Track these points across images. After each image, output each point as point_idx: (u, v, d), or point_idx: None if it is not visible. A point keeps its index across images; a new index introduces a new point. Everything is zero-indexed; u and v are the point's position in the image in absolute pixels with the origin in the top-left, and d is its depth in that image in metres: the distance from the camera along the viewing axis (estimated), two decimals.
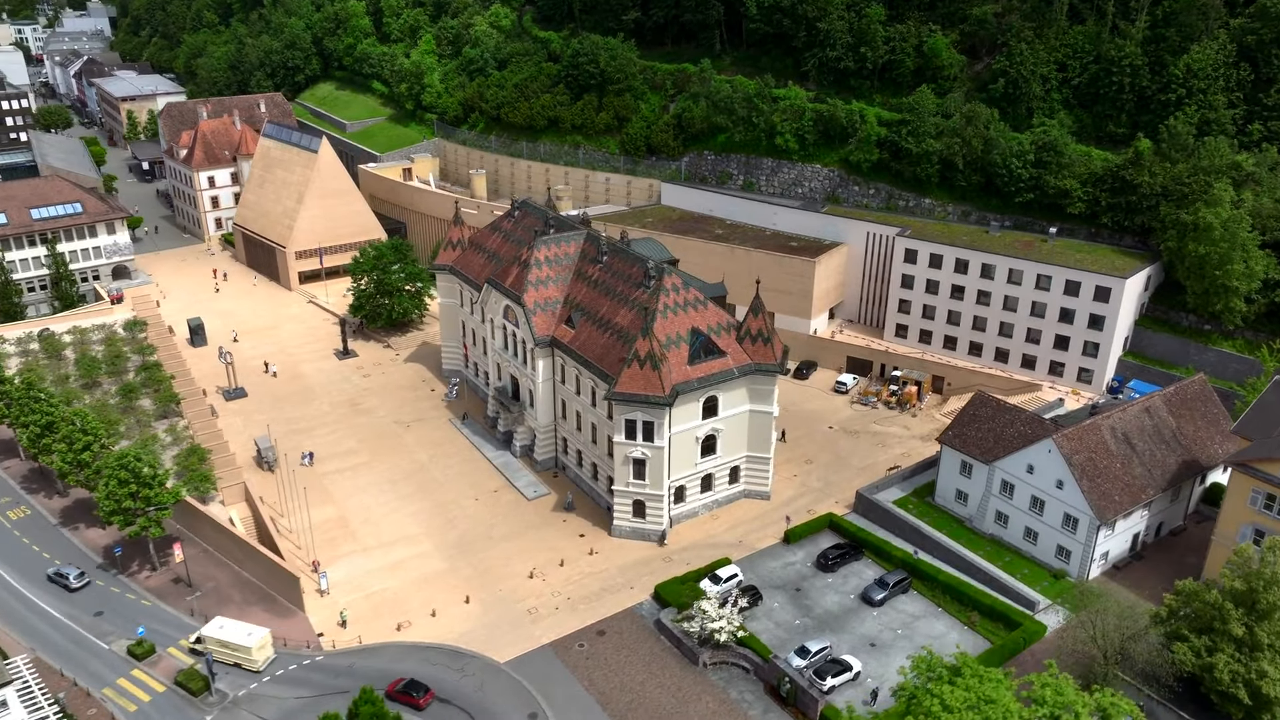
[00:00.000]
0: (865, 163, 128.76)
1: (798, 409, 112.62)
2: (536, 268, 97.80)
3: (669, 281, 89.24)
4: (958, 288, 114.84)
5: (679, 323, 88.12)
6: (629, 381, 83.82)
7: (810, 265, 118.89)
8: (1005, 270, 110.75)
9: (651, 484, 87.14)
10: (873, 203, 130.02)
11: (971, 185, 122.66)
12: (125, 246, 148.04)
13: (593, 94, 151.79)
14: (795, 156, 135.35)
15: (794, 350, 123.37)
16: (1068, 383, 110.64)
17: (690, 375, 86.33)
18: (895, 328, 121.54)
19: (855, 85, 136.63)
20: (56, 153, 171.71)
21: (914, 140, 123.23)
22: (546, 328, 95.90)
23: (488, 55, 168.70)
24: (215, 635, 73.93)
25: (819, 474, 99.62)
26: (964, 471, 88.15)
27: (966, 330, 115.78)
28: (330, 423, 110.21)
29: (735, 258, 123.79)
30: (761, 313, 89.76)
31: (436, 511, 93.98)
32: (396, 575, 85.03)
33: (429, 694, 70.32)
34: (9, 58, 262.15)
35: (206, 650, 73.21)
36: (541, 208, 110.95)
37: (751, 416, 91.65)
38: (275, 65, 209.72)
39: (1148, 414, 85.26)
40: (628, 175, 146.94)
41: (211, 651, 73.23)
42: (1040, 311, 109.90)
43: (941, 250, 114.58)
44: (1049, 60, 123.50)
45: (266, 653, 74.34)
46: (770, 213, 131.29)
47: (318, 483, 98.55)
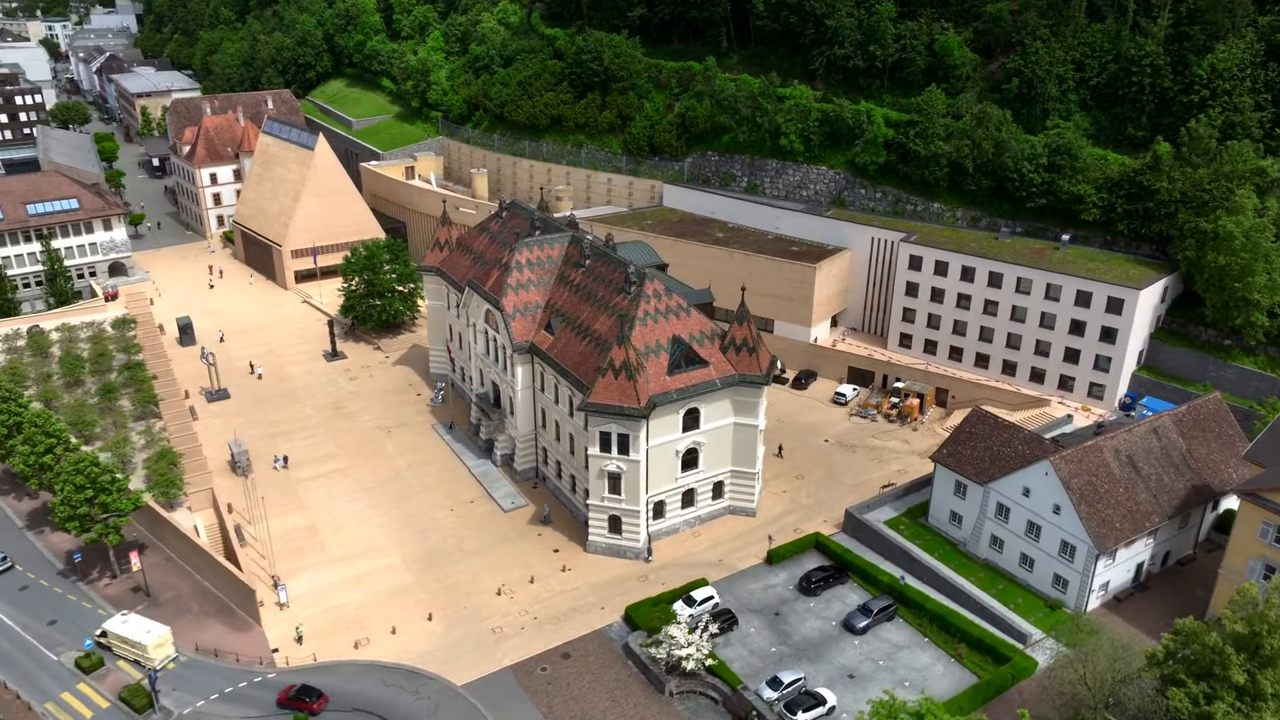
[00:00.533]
0: (872, 165, 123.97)
1: (794, 420, 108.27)
2: (517, 271, 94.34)
3: (650, 287, 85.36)
4: (964, 296, 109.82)
5: (659, 331, 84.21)
6: (603, 392, 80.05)
7: (810, 271, 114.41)
8: (1013, 279, 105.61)
9: (627, 499, 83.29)
10: (880, 206, 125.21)
11: (982, 189, 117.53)
12: (122, 243, 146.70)
13: (596, 92, 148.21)
14: (800, 158, 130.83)
15: (793, 359, 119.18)
16: (1078, 398, 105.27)
17: (669, 386, 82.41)
18: (899, 337, 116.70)
19: (864, 85, 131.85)
20: (62, 148, 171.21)
21: (922, 142, 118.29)
22: (526, 333, 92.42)
23: (493, 52, 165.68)
24: (117, 630, 72.96)
25: (809, 490, 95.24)
26: (958, 492, 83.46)
27: (973, 341, 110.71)
28: (311, 426, 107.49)
29: (734, 262, 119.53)
30: (747, 321, 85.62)
31: (408, 522, 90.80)
32: (360, 589, 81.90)
33: (322, 699, 68.39)
34: (30, 54, 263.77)
35: (109, 644, 72.95)
36: (529, 209, 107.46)
37: (736, 430, 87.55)
38: (286, 62, 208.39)
39: (1155, 435, 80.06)
40: (630, 176, 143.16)
41: (113, 645, 72.65)
42: (1050, 323, 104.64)
43: (947, 257, 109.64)
44: (1066, 59, 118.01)
45: (165, 651, 72.68)
46: (773, 216, 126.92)
47: (291, 489, 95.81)
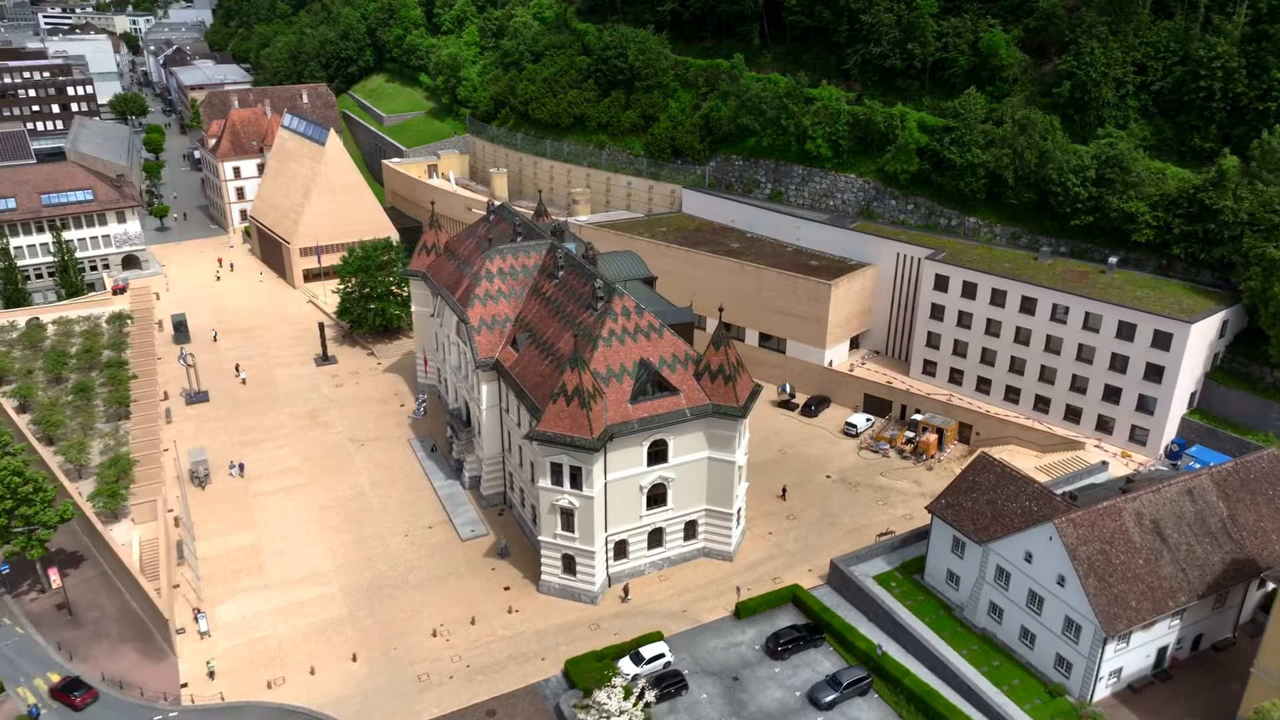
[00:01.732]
0: (903, 174, 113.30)
1: (796, 452, 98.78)
2: (487, 280, 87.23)
3: (619, 304, 77.18)
4: (993, 322, 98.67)
5: (625, 353, 75.99)
6: (553, 419, 72.22)
7: (825, 289, 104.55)
8: (1048, 305, 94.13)
9: (581, 538, 75.31)
10: (911, 219, 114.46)
11: (1023, 204, 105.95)
12: (135, 236, 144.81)
13: (620, 90, 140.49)
14: (828, 165, 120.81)
15: (806, 383, 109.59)
16: (1117, 442, 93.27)
17: (631, 415, 74.12)
18: (922, 364, 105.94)
19: (902, 86, 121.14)
20: (94, 138, 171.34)
21: (957, 150, 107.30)
22: (491, 348, 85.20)
23: (523, 48, 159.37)
24: None
25: (799, 533, 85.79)
26: (956, 549, 73.22)
27: (1002, 372, 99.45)
28: (282, 436, 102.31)
29: (744, 276, 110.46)
30: (725, 346, 76.72)
31: (358, 547, 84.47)
32: (290, 620, 75.74)
33: (90, 693, 68.34)
34: (97, 46, 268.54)
35: None
36: (516, 213, 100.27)
37: (711, 465, 78.78)
38: (329, 56, 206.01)
39: (1190, 497, 68.52)
40: (650, 180, 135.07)
41: None
42: (1088, 356, 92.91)
43: (975, 278, 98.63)
44: (1125, 61, 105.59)
45: None
46: (793, 226, 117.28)
47: (245, 503, 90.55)
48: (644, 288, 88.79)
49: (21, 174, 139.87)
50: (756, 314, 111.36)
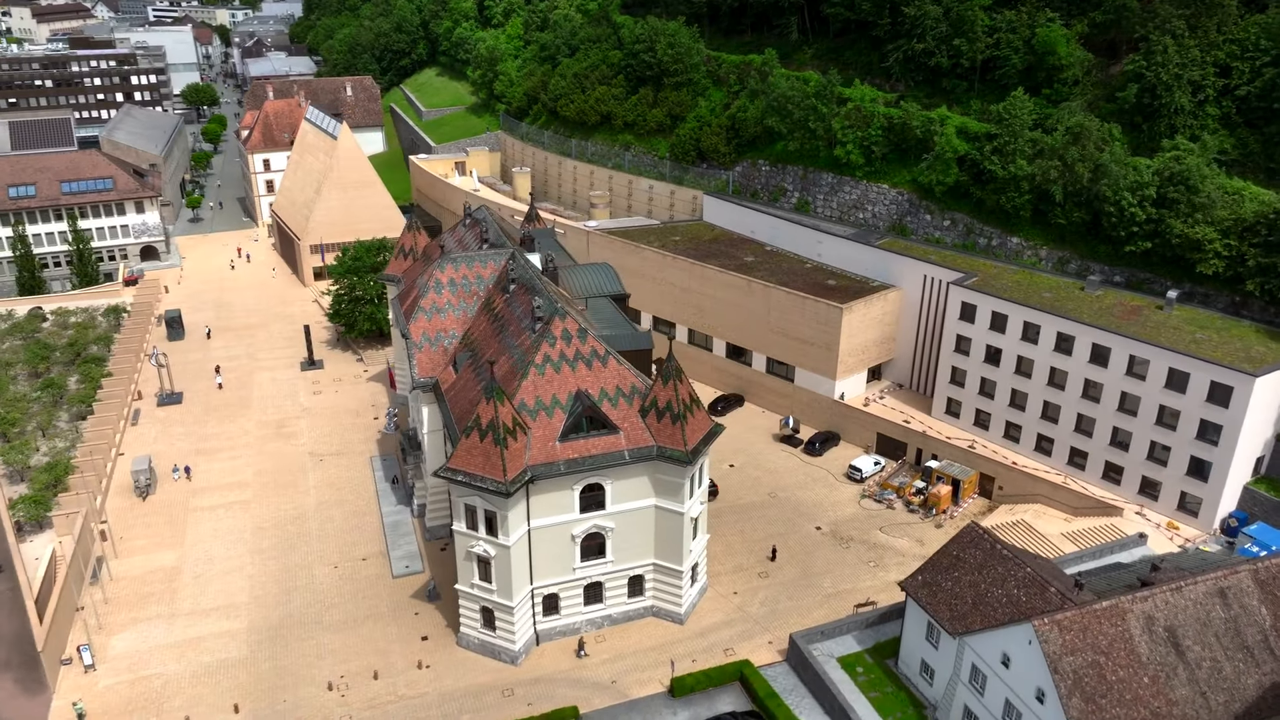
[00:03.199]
0: (939, 186, 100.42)
1: (788, 496, 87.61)
2: (435, 291, 79.04)
3: (559, 326, 67.78)
4: (1024, 360, 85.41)
5: (560, 383, 66.56)
6: (465, 456, 63.41)
7: (836, 313, 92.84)
8: (1087, 344, 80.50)
9: (500, 590, 66.29)
10: (947, 237, 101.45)
11: (1072, 224, 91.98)
12: (154, 227, 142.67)
13: (649, 87, 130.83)
14: (859, 173, 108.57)
15: (814, 416, 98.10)
16: (1163, 510, 79.09)
17: (558, 455, 64.72)
18: (945, 403, 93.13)
19: (948, 87, 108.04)
20: (134, 126, 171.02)
21: (999, 160, 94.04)
22: (433, 367, 76.97)
23: (560, 41, 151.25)
24: None
25: (769, 595, 74.83)
26: (931, 637, 61.44)
27: (1033, 419, 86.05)
28: (241, 446, 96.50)
29: (751, 294, 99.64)
30: (675, 380, 66.48)
31: (281, 577, 77.42)
32: (184, 658, 69.00)
33: None
34: (178, 37, 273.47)
35: None
36: (488, 217, 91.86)
37: (659, 515, 68.72)
38: (382, 49, 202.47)
39: (1222, 599, 55.16)
40: (673, 185, 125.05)
41: None
42: (1131, 407, 78.96)
43: (1005, 308, 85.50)
44: (1205, 61, 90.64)
45: None
46: (815, 241, 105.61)
47: (179, 519, 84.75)
48: (610, 305, 79.19)
49: (45, 161, 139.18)
50: (764, 336, 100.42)
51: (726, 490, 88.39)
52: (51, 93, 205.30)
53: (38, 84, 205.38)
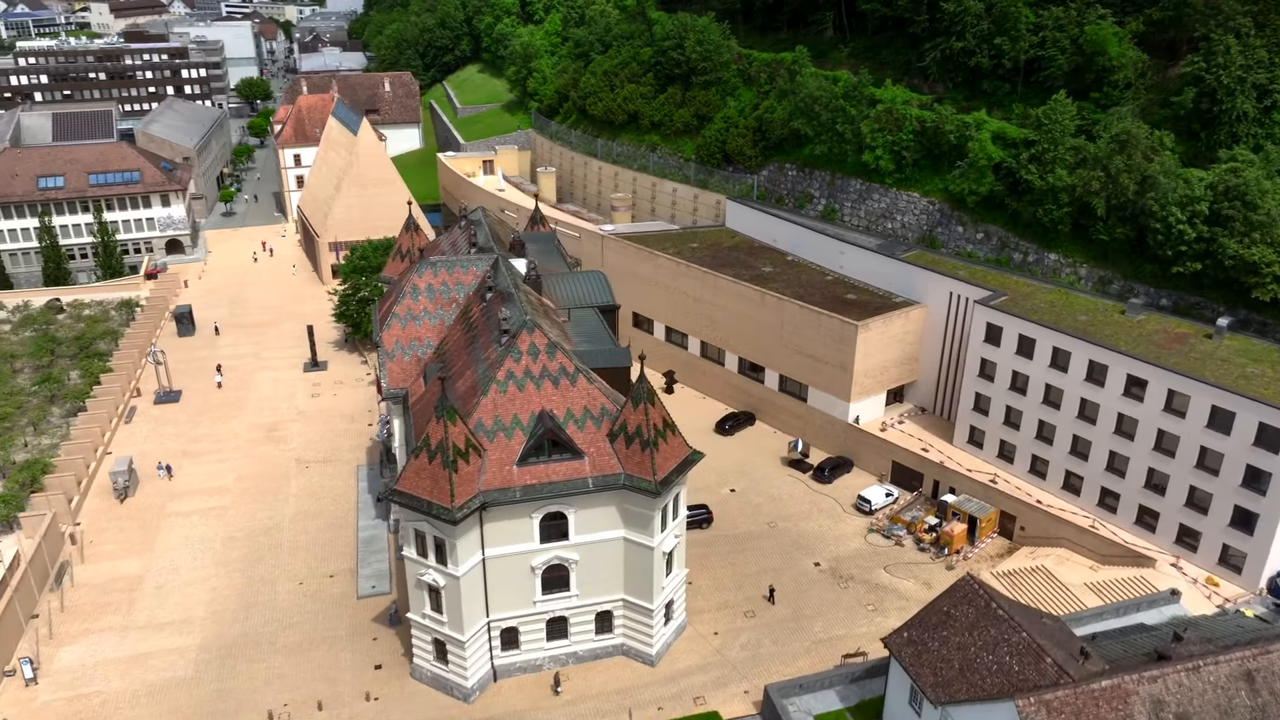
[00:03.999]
0: (972, 196, 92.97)
1: (790, 527, 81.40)
2: (411, 297, 74.81)
3: (526, 340, 62.87)
4: (1053, 389, 77.77)
5: (524, 402, 61.65)
6: (413, 478, 58.97)
7: (851, 330, 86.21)
8: (1121, 374, 72.64)
9: (450, 622, 61.69)
10: (980, 251, 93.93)
11: (1115, 241, 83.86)
12: (179, 220, 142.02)
13: (677, 86, 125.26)
14: (889, 180, 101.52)
15: (826, 440, 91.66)
16: (1203, 564, 70.91)
17: (514, 480, 59.83)
18: (967, 431, 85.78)
19: (989, 89, 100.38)
20: (172, 119, 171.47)
21: (1037, 169, 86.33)
22: (404, 377, 72.77)
23: (594, 37, 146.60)
24: None
25: (752, 637, 68.88)
26: (914, 701, 54.98)
27: (1061, 454, 78.35)
28: (230, 449, 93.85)
29: (764, 308, 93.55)
30: (645, 403, 61.01)
31: (244, 592, 74.08)
32: (129, 675, 65.90)
33: None
34: (237, 32, 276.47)
35: None
36: (483, 219, 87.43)
37: (628, 548, 63.38)
38: (426, 44, 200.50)
39: (1248, 684, 47.74)
40: (697, 188, 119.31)
41: None
42: (1169, 447, 70.95)
43: (1033, 331, 77.93)
44: (1273, 63, 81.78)
45: None
46: (837, 251, 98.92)
47: (153, 524, 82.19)
48: (595, 317, 73.94)
49: (75, 153, 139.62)
50: (777, 352, 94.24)
51: (722, 517, 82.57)
52: (104, 85, 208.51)
53: (91, 76, 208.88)
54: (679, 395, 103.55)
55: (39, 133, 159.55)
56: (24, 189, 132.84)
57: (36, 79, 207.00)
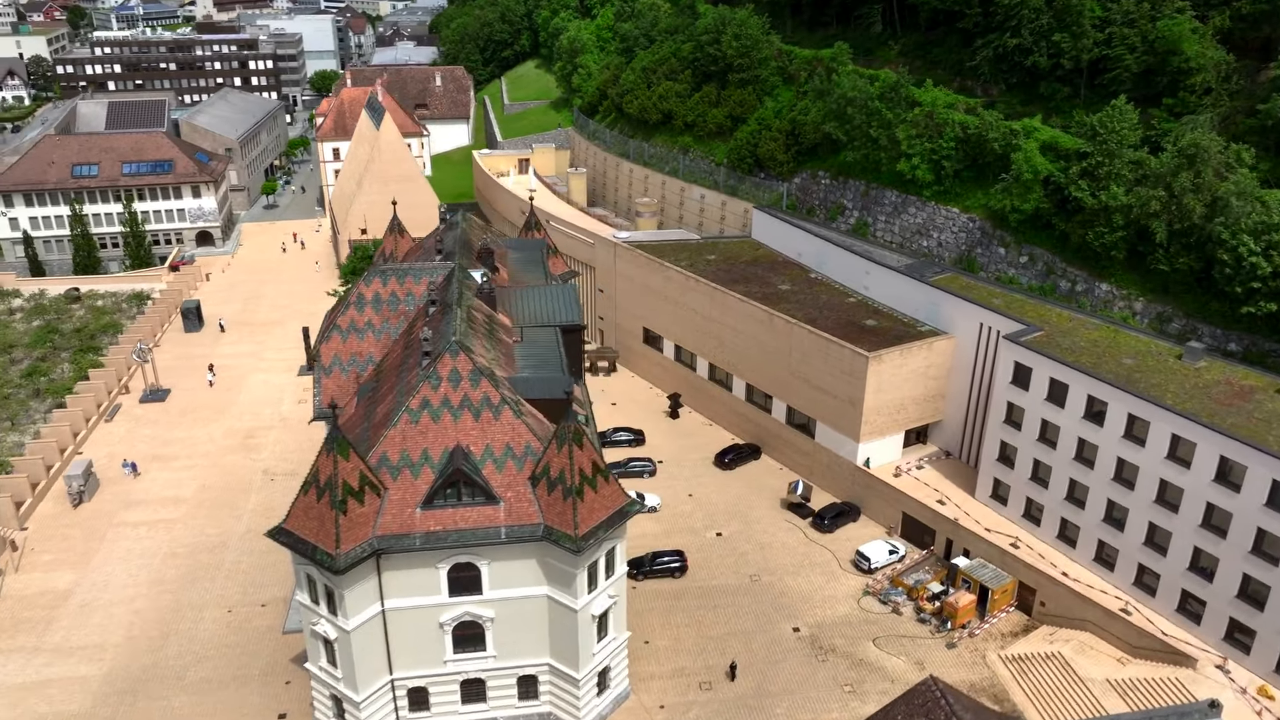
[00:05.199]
0: (1015, 214, 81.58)
1: (774, 583, 72.05)
2: (356, 308, 68.18)
3: (448, 365, 55.52)
4: (1086, 445, 66.35)
5: (438, 435, 54.30)
6: (301, 517, 52.33)
7: (861, 362, 76.10)
8: (1164, 434, 60.96)
9: (344, 679, 54.82)
10: (1022, 276, 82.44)
11: (1177, 272, 71.60)
12: (209, 212, 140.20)
13: (713, 84, 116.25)
14: (927, 193, 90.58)
15: (833, 482, 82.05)
16: (1256, 668, 58.72)
17: (415, 525, 52.51)
18: (991, 485, 74.69)
19: (1047, 92, 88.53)
20: (221, 109, 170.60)
21: (1088, 185, 74.60)
22: (341, 396, 66.26)
23: (639, 32, 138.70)
24: None
25: (703, 714, 59.99)
26: None
27: (1093, 521, 66.79)
28: (199, 455, 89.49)
29: (773, 330, 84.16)
30: (570, 445, 52.87)
31: (169, 617, 68.95)
32: (19, 706, 61.29)
33: None
34: (315, 24, 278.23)
35: None
36: (459, 223, 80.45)
37: (552, 608, 55.42)
38: (485, 39, 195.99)
39: None
40: (725, 195, 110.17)
41: None
42: (1220, 525, 59.06)
43: (1066, 375, 66.59)
44: None
45: None
46: (862, 271, 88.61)
47: (99, 534, 78.10)
48: (552, 338, 65.91)
49: (111, 141, 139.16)
50: (784, 381, 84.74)
51: (700, 566, 73.66)
52: (175, 75, 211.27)
53: (162, 66, 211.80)
54: (684, 421, 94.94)
55: (93, 121, 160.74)
56: (58, 176, 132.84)
57: (110, 68, 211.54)
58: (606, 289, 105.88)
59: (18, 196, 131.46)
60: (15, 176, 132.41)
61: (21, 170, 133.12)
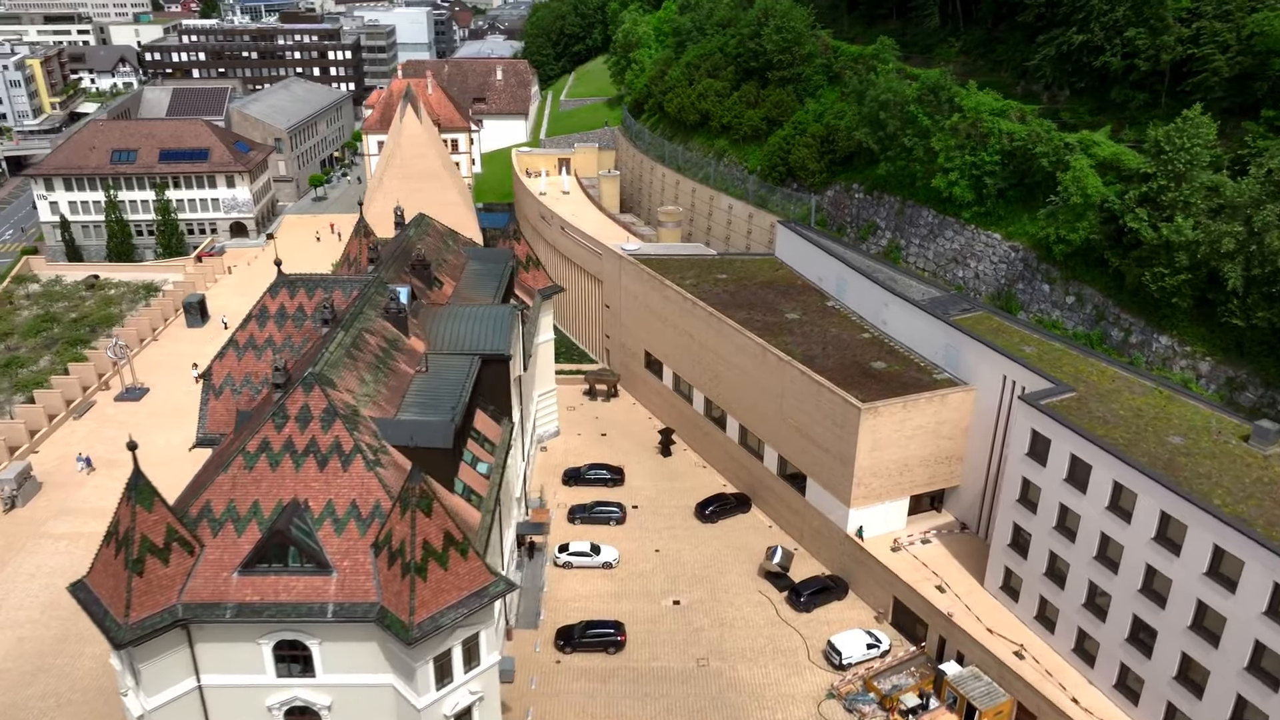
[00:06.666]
0: (1061, 246, 67.57)
1: (724, 670, 60.95)
2: (258, 322, 60.91)
3: (298, 400, 47.01)
4: (1110, 542, 52.70)
5: (274, 484, 45.84)
6: (100, 573, 44.59)
7: (854, 415, 63.93)
8: (1204, 545, 47.02)
9: None
10: (1068, 320, 68.40)
11: (1257, 329, 56.74)
12: (244, 203, 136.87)
13: (753, 82, 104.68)
14: (966, 214, 77.11)
15: (822, 550, 70.74)
16: None
17: (229, 593, 44.10)
18: (1002, 574, 61.41)
19: (1120, 100, 73.79)
20: (279, 99, 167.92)
21: (1148, 215, 60.34)
22: (226, 422, 58.78)
23: (693, 25, 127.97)
24: None
25: None
26: None
27: (1116, 637, 53.01)
28: (150, 464, 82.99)
29: (765, 367, 72.71)
30: (415, 511, 43.35)
31: (47, 650, 63.06)
32: None
33: None
34: (412, 17, 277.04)
35: None
36: (410, 229, 71.99)
37: (400, 702, 46.12)
38: (557, 32, 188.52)
39: None
40: (754, 206, 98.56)
41: None
42: (1271, 670, 44.87)
43: (1090, 454, 53.02)
44: None
45: None
46: (881, 303, 75.91)
47: (19, 546, 73.34)
48: (459, 371, 56.38)
49: (151, 127, 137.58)
50: (776, 427, 73.21)
51: (642, 642, 63.05)
52: (256, 64, 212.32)
53: (244, 55, 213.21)
54: (675, 460, 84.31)
55: (156, 107, 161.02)
56: (97, 162, 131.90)
57: (195, 56, 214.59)
58: (612, 305, 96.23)
59: (58, 180, 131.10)
60: (57, 160, 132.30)
61: (64, 154, 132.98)
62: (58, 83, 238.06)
